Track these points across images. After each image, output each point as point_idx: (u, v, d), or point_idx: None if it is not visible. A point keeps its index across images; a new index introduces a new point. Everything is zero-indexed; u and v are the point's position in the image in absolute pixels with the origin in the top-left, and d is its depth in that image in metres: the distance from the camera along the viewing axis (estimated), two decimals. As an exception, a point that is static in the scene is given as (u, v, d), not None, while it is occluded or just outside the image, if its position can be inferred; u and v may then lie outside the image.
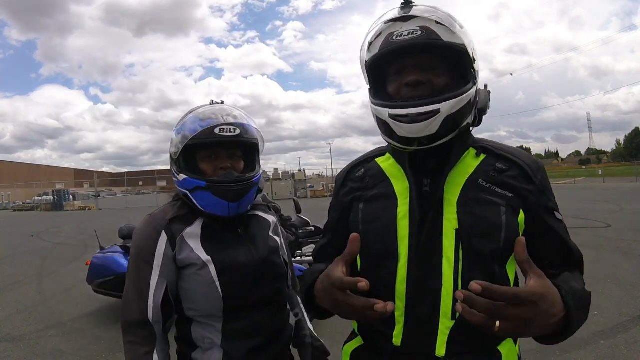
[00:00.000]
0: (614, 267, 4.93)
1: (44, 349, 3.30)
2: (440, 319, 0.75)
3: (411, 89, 0.77)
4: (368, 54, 0.83)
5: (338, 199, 0.96)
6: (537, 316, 0.61)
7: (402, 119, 0.75)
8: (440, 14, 0.78)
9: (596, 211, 10.66)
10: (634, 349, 2.77)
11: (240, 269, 1.01)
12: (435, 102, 0.74)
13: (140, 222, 1.06)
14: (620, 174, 36.95)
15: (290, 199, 4.90)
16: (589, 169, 60.30)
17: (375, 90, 0.84)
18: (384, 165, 0.90)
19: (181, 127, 1.05)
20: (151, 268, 0.98)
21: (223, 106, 1.11)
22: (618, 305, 3.60)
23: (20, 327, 3.82)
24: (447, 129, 0.76)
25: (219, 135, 1.01)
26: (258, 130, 1.11)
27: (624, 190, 18.76)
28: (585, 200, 14.11)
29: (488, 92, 0.84)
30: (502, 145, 0.86)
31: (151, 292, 0.96)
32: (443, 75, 0.79)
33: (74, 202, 26.84)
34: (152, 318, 0.96)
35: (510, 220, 0.77)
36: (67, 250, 8.36)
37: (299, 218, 4.27)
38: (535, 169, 0.82)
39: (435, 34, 0.76)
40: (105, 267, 3.73)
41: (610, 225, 8.23)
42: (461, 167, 0.81)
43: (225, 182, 1.01)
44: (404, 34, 0.77)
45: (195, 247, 1.00)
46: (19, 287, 5.34)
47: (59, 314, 4.17)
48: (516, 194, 0.78)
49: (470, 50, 0.78)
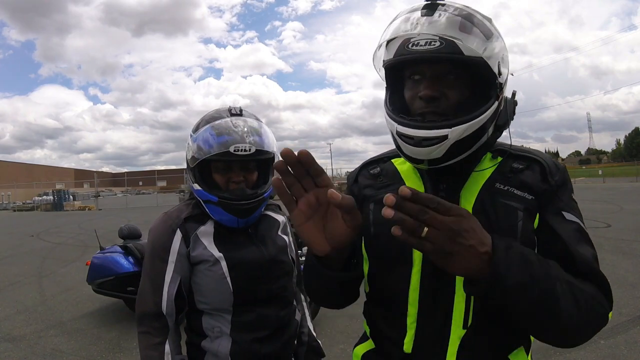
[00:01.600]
0: (614, 267, 4.92)
1: (44, 349, 3.31)
2: (452, 327, 0.73)
3: (424, 104, 0.72)
4: (386, 53, 0.77)
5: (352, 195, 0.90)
6: (465, 231, 0.57)
7: (407, 140, 0.71)
8: (465, 22, 0.69)
9: (596, 211, 10.66)
10: (634, 349, 2.77)
11: (249, 266, 1.07)
12: (444, 126, 0.68)
13: (155, 220, 1.11)
14: (620, 174, 36.93)
15: (290, 199, 4.88)
16: (589, 169, 60.28)
17: (392, 92, 0.79)
18: (401, 167, 0.86)
19: (197, 136, 1.06)
20: (166, 264, 1.03)
21: (239, 120, 1.07)
22: (618, 305, 3.58)
23: (20, 327, 3.83)
24: (453, 154, 0.71)
25: (234, 155, 1.02)
26: (274, 140, 1.12)
27: (624, 190, 18.76)
28: (585, 200, 14.09)
29: (514, 102, 0.77)
30: (521, 147, 0.81)
31: (165, 286, 1.03)
32: (461, 89, 0.73)
33: (74, 202, 26.79)
34: (165, 310, 1.02)
35: (527, 226, 0.72)
36: (67, 250, 8.35)
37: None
38: (554, 168, 0.76)
39: (455, 46, 0.68)
40: (105, 267, 3.73)
41: (610, 225, 8.23)
42: (478, 172, 0.78)
43: (236, 199, 1.04)
44: (421, 42, 0.69)
45: (208, 244, 1.06)
46: (19, 287, 5.34)
47: (59, 314, 4.17)
48: (535, 195, 0.74)
49: (496, 63, 0.71)
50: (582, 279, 0.68)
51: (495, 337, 0.72)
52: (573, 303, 0.63)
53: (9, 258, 7.61)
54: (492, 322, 0.71)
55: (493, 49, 0.70)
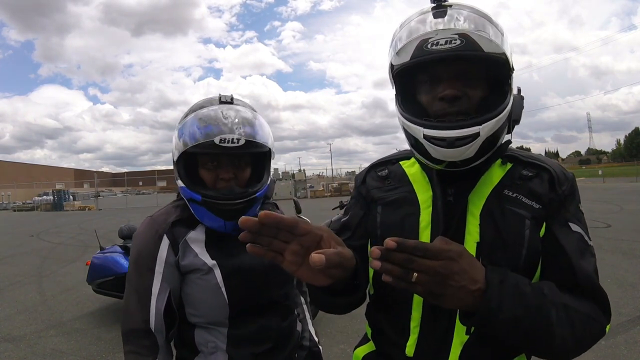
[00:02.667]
0: (614, 267, 4.93)
1: (44, 349, 3.30)
2: (455, 332, 0.73)
3: (446, 104, 0.71)
4: (397, 58, 0.73)
5: (360, 198, 0.90)
6: (455, 274, 0.58)
7: (438, 142, 0.69)
8: (479, 19, 0.69)
9: (596, 211, 10.64)
10: (634, 349, 2.77)
11: (246, 273, 0.97)
12: (475, 123, 0.67)
13: (141, 225, 1.00)
14: (620, 174, 36.93)
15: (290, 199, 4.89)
16: (589, 169, 60.26)
17: (404, 98, 0.77)
18: (409, 170, 0.85)
19: (182, 128, 0.96)
20: (153, 274, 0.93)
21: (229, 108, 0.96)
22: (618, 305, 3.58)
23: (20, 327, 3.82)
24: (483, 151, 0.71)
25: (220, 147, 0.90)
26: (269, 129, 1.00)
27: (624, 190, 18.75)
28: (585, 200, 14.01)
29: (521, 97, 0.77)
30: (531, 153, 0.81)
31: (153, 299, 0.92)
32: (481, 87, 0.72)
33: (74, 202, 26.79)
34: (154, 327, 0.91)
35: (533, 234, 0.72)
36: (67, 250, 8.35)
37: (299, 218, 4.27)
38: (563, 178, 0.75)
39: (475, 43, 0.67)
40: (105, 267, 3.73)
41: (610, 225, 8.23)
42: (487, 177, 0.77)
43: (222, 199, 0.92)
44: (441, 42, 0.67)
45: (199, 252, 0.95)
46: (19, 287, 5.33)
47: (59, 314, 4.17)
48: (543, 204, 0.73)
49: (511, 59, 0.71)
50: (580, 294, 0.69)
51: (498, 343, 0.71)
52: (568, 327, 0.65)
53: (9, 258, 7.60)
54: None
55: (507, 45, 0.70)
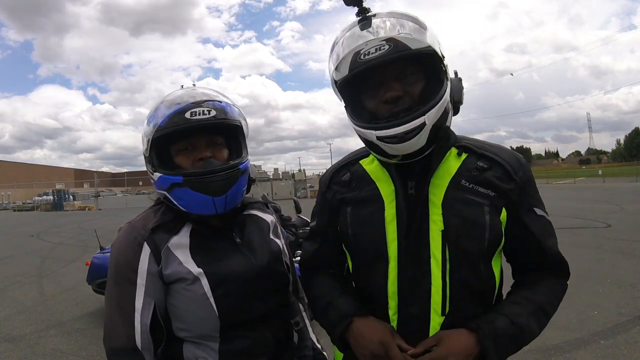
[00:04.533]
0: (614, 267, 4.90)
1: (44, 349, 3.30)
2: (432, 315, 0.79)
3: (391, 105, 0.77)
4: (337, 74, 0.80)
5: (325, 202, 0.96)
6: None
7: (390, 140, 0.75)
8: (401, 21, 0.76)
9: (596, 211, 10.65)
10: (634, 349, 2.76)
11: (237, 281, 0.88)
12: (419, 115, 0.73)
13: (119, 232, 0.92)
14: (620, 174, 36.89)
15: (290, 199, 4.90)
16: (589, 169, 60.20)
17: (353, 108, 0.83)
18: (369, 168, 0.90)
19: (151, 117, 0.90)
20: (135, 287, 0.84)
21: (193, 89, 0.94)
22: (618, 305, 3.59)
23: (20, 327, 3.82)
24: (434, 137, 0.76)
25: (191, 120, 0.85)
26: (240, 110, 0.96)
27: (624, 190, 18.73)
28: (585, 200, 14.09)
29: (459, 79, 0.83)
30: (484, 143, 0.86)
31: (137, 315, 0.83)
32: (418, 81, 0.78)
33: (74, 202, 26.80)
34: (140, 345, 0.83)
35: (494, 219, 0.79)
36: (67, 250, 8.35)
37: (299, 218, 4.27)
38: (517, 166, 0.82)
39: (402, 44, 0.73)
40: (105, 267, 3.69)
41: (610, 225, 8.22)
42: (444, 168, 0.82)
43: (205, 174, 0.86)
44: (371, 51, 0.73)
45: (184, 259, 0.87)
46: (19, 287, 5.33)
47: (59, 314, 4.17)
48: (498, 193, 0.80)
49: (438, 48, 0.76)
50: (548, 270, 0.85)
51: None
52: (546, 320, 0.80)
53: (9, 258, 7.60)
54: (467, 308, 0.79)
55: (432, 37, 0.76)
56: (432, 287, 0.79)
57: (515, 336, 0.76)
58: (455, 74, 0.84)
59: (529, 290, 0.82)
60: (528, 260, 0.85)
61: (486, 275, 0.81)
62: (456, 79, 0.83)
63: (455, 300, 0.79)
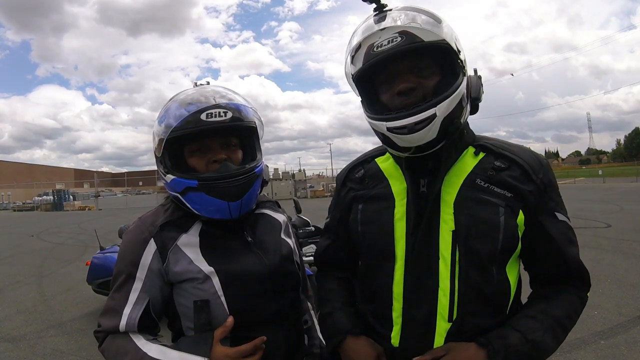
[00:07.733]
0: (614, 267, 4.92)
1: (44, 349, 3.30)
2: (438, 320, 0.75)
3: (404, 97, 0.76)
4: (352, 67, 0.81)
5: (339, 199, 0.96)
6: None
7: (400, 131, 0.74)
8: (416, 15, 0.76)
9: (596, 211, 10.64)
10: (634, 349, 2.76)
11: (249, 281, 0.87)
12: (430, 106, 0.72)
13: (131, 224, 0.93)
14: (620, 174, 36.90)
15: (290, 199, 4.89)
16: (589, 169, 60.18)
17: (369, 102, 0.83)
18: (383, 165, 0.89)
19: (163, 117, 0.88)
20: (133, 280, 0.85)
21: (208, 88, 0.92)
22: (618, 305, 3.59)
23: (20, 327, 3.82)
24: (446, 131, 0.74)
25: (207, 122, 0.84)
26: (255, 111, 0.94)
27: (624, 190, 18.73)
28: (585, 200, 14.08)
29: (479, 77, 0.82)
30: (503, 142, 0.83)
31: (127, 309, 0.83)
32: (432, 75, 0.77)
33: (74, 202, 26.78)
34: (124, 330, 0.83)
35: (509, 221, 0.75)
36: (67, 250, 8.34)
37: (299, 218, 4.27)
38: (537, 167, 0.78)
39: (415, 36, 0.73)
40: (105, 267, 3.73)
41: (610, 225, 8.22)
42: (459, 167, 0.80)
43: (220, 178, 0.85)
44: (384, 43, 0.74)
45: (194, 257, 0.86)
46: (19, 287, 5.33)
47: (59, 314, 4.17)
48: (515, 194, 0.76)
49: (453, 43, 0.76)
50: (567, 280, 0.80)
51: (481, 330, 0.74)
52: (563, 335, 0.76)
53: (9, 258, 7.59)
54: (476, 315, 0.75)
55: (448, 30, 0.76)
56: (439, 289, 0.75)
57: (529, 354, 0.71)
58: (475, 71, 0.82)
59: (546, 303, 0.78)
60: (547, 268, 0.80)
61: (499, 280, 0.76)
62: (475, 76, 0.81)
63: (464, 306, 0.74)
